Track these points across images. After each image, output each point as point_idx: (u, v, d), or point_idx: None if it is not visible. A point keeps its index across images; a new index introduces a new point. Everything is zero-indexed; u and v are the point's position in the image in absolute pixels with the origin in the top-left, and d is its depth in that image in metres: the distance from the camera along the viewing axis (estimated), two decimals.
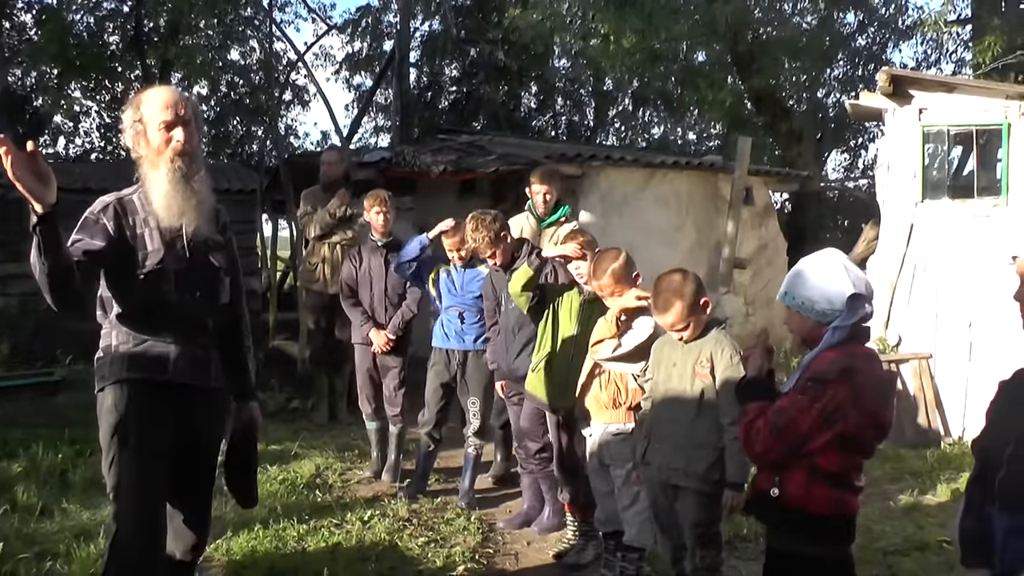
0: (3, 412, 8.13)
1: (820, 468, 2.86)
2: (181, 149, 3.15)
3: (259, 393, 8.95)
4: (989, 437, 2.76)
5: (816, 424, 2.80)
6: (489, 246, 5.23)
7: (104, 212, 3.15)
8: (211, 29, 19.37)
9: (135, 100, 3.25)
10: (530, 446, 5.35)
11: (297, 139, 24.10)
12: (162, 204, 3.15)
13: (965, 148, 9.29)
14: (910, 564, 4.84)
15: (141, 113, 3.18)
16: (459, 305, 5.96)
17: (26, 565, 4.48)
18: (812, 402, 2.80)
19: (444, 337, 6.02)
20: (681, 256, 10.19)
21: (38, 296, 10.05)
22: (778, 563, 3.11)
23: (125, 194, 3.23)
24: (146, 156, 3.19)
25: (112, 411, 3.14)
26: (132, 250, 3.15)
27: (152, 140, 3.16)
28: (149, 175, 3.19)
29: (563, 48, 19.76)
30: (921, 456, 7.11)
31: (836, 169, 21.93)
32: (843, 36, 17.20)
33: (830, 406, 2.78)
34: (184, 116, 3.17)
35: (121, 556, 3.13)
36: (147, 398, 3.16)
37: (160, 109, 3.15)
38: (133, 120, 3.19)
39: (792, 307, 3.00)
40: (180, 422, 3.22)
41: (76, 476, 6.06)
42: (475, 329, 5.95)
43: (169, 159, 3.14)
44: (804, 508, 2.89)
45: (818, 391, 2.80)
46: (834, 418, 2.80)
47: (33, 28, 19.74)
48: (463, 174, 10.03)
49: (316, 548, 4.98)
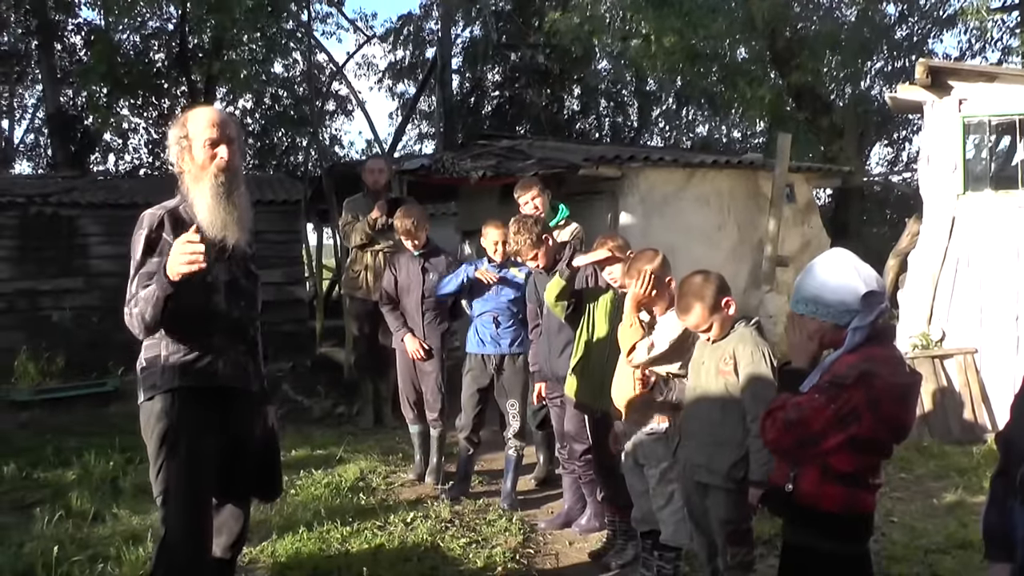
0: (59, 421, 8.40)
1: (833, 468, 2.85)
2: (224, 166, 3.29)
3: (306, 399, 9.22)
4: (1012, 430, 2.75)
5: (829, 424, 2.78)
6: (531, 248, 5.29)
7: (162, 228, 3.26)
8: (254, 43, 19.64)
9: (182, 118, 3.41)
10: (575, 448, 5.38)
11: (342, 148, 24.36)
12: (207, 218, 3.26)
13: (1009, 138, 9.15)
14: (951, 563, 4.79)
15: (187, 130, 3.32)
16: (494, 310, 6.02)
17: (80, 567, 4.63)
18: (828, 403, 2.79)
19: (479, 343, 6.07)
20: (723, 256, 10.17)
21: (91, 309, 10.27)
22: (793, 558, 3.10)
23: (171, 206, 3.35)
24: (190, 171, 3.33)
25: (162, 419, 3.24)
26: None
27: (197, 156, 3.30)
28: (193, 190, 3.31)
29: (603, 50, 19.75)
30: (967, 453, 7.02)
31: (880, 163, 21.70)
32: (883, 28, 16.99)
33: (844, 408, 2.76)
34: (229, 135, 3.33)
35: (169, 559, 3.25)
36: (195, 406, 3.27)
37: (206, 127, 3.30)
38: (179, 136, 3.33)
39: (807, 314, 2.95)
40: (224, 425, 3.34)
41: (126, 483, 6.25)
42: (510, 333, 6.01)
43: (213, 175, 3.27)
44: (816, 506, 2.88)
45: (834, 394, 2.79)
46: (848, 420, 2.77)
47: (83, 49, 20.24)
48: (502, 179, 10.08)
49: (359, 549, 5.06)
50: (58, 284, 11.36)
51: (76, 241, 11.50)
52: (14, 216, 11.25)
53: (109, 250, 11.26)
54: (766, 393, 3.57)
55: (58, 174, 15.61)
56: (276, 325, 11.72)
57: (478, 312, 6.11)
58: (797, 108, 16.46)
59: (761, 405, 3.50)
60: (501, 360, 6.02)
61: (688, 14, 13.95)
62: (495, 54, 21.69)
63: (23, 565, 4.65)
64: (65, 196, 11.68)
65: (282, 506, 5.78)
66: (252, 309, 3.52)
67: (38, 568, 4.48)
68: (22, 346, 10.27)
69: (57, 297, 11.36)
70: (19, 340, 10.50)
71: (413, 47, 22.92)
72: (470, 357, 6.17)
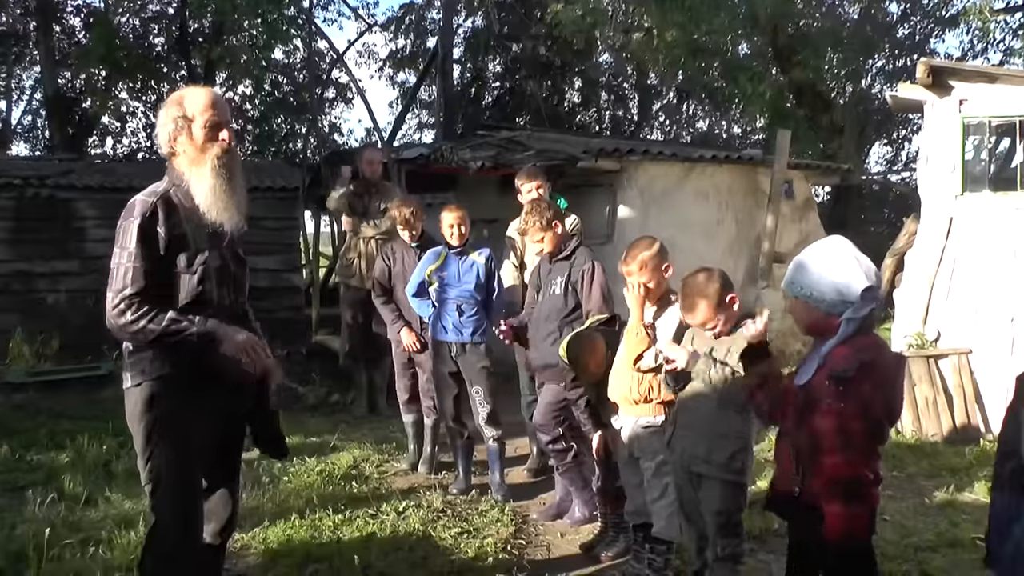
0: (53, 404, 8.38)
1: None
2: (227, 148, 3.25)
3: (300, 387, 9.21)
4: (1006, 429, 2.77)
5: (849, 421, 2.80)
6: (540, 230, 5.30)
7: (155, 217, 3.15)
8: (255, 29, 19.57)
9: (176, 98, 3.31)
10: (542, 438, 5.45)
11: (341, 136, 24.28)
12: (209, 202, 3.21)
13: (1009, 140, 9.15)
14: (940, 561, 4.81)
15: (185, 110, 3.24)
16: (457, 298, 6.00)
17: (71, 551, 4.63)
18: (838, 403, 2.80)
19: (442, 330, 6.04)
20: (721, 250, 10.19)
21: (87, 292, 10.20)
22: (801, 555, 3.13)
23: (161, 191, 3.23)
24: (186, 153, 3.25)
25: (151, 406, 3.17)
26: (180, 249, 3.19)
27: (197, 138, 3.23)
28: (191, 172, 3.24)
29: (605, 43, 19.72)
30: (959, 452, 7.04)
31: (879, 162, 21.71)
32: (885, 27, 16.99)
33: (858, 402, 2.79)
34: (227, 117, 3.29)
35: (159, 547, 3.24)
36: (186, 392, 3.20)
37: (206, 108, 3.24)
38: (176, 116, 3.25)
39: (800, 297, 2.98)
40: (216, 410, 3.30)
41: (119, 466, 6.26)
42: (472, 322, 5.98)
43: (216, 156, 3.22)
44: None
45: (844, 391, 2.80)
46: (864, 413, 2.80)
47: (82, 31, 20.17)
48: (501, 169, 10.08)
49: (351, 537, 5.06)
50: (54, 267, 11.31)
51: (72, 224, 11.45)
52: (10, 198, 11.20)
53: (106, 233, 11.01)
54: None
55: (55, 156, 15.55)
56: (272, 312, 11.69)
57: (442, 299, 6.07)
58: (797, 105, 16.48)
59: None
60: (462, 348, 5.99)
61: (690, 9, 13.94)
62: (496, 45, 21.61)
63: (15, 547, 4.64)
64: (62, 179, 11.63)
65: (274, 493, 5.80)
66: (241, 295, 3.46)
67: (29, 550, 4.46)
68: (17, 328, 10.25)
69: (53, 280, 11.32)
70: (14, 322, 10.48)
71: (414, 36, 22.83)
72: (434, 343, 6.15)
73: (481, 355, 5.98)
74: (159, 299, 3.12)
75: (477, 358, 5.97)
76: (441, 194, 15.35)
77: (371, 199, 8.24)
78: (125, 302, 3.08)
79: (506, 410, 6.23)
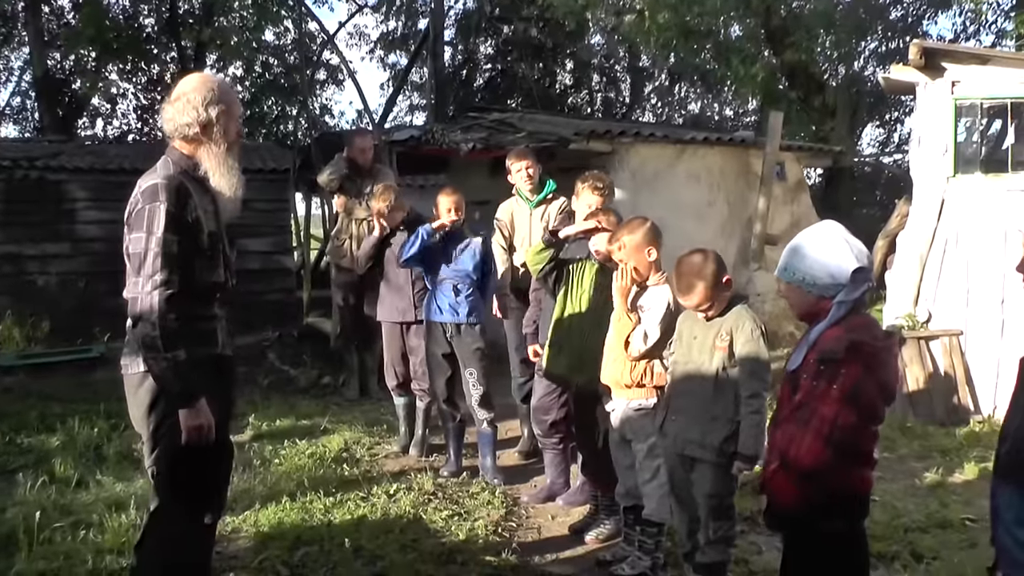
0: (43, 387, 8.36)
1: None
2: (238, 140, 3.36)
3: (291, 369, 9.21)
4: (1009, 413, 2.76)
5: (840, 404, 2.80)
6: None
7: (180, 201, 3.12)
8: (245, 10, 19.47)
9: (210, 84, 3.29)
10: (543, 419, 5.43)
11: (332, 118, 24.22)
12: (232, 191, 3.30)
13: (1000, 122, 9.14)
14: (930, 541, 4.82)
15: (227, 102, 3.27)
16: (453, 278, 5.99)
17: (62, 534, 4.63)
18: (829, 384, 2.80)
19: (437, 310, 6.03)
20: (712, 232, 10.17)
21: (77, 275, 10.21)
22: (793, 537, 3.13)
23: (175, 176, 3.19)
24: (215, 141, 3.24)
25: (157, 387, 3.16)
26: (197, 233, 3.19)
27: (230, 130, 3.28)
28: (214, 160, 3.25)
29: (597, 24, 19.66)
30: (950, 434, 7.06)
31: (871, 144, 21.72)
32: (878, 8, 16.95)
33: (848, 384, 2.79)
34: None
35: (163, 530, 3.24)
36: (192, 374, 3.16)
37: (236, 101, 3.38)
38: (214, 102, 3.22)
39: (792, 283, 2.98)
40: (218, 391, 3.30)
41: (110, 450, 6.24)
42: (468, 302, 5.98)
43: (235, 148, 3.33)
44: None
45: (833, 373, 2.80)
46: (855, 394, 2.80)
47: (71, 12, 20.04)
48: (493, 151, 10.04)
49: (342, 520, 5.06)
50: (44, 249, 11.28)
51: (63, 206, 11.41)
52: (0, 180, 11.16)
53: (96, 215, 11.19)
54: (762, 371, 3.69)
55: (45, 138, 15.48)
56: (263, 294, 11.71)
57: (438, 280, 6.06)
58: (790, 87, 16.44)
59: (757, 383, 3.54)
60: (457, 329, 5.99)
61: None
62: (488, 26, 21.57)
63: (5, 530, 4.64)
64: (52, 160, 11.58)
65: (265, 476, 5.80)
66: (234, 277, 3.50)
67: (20, 533, 4.47)
68: (7, 311, 10.24)
69: (43, 262, 11.29)
70: (4, 305, 10.46)
71: (406, 18, 22.79)
72: (428, 324, 6.15)
73: (476, 336, 5.97)
74: (179, 284, 3.11)
75: (472, 339, 5.97)
76: (433, 176, 15.35)
77: (363, 181, 8.21)
78: (160, 290, 3.03)
79: (496, 392, 6.23)
